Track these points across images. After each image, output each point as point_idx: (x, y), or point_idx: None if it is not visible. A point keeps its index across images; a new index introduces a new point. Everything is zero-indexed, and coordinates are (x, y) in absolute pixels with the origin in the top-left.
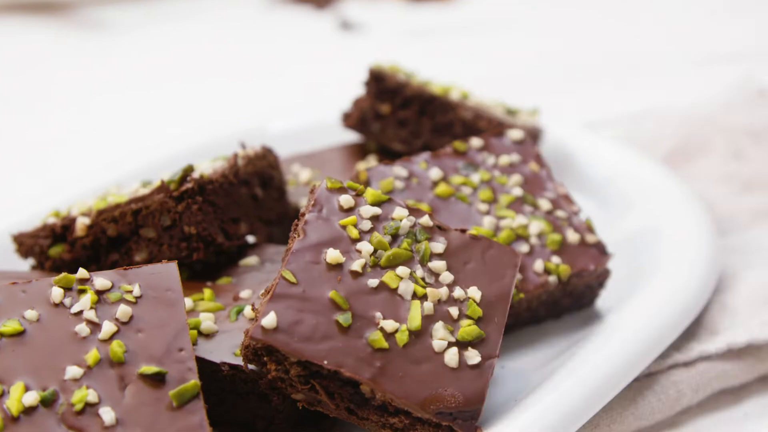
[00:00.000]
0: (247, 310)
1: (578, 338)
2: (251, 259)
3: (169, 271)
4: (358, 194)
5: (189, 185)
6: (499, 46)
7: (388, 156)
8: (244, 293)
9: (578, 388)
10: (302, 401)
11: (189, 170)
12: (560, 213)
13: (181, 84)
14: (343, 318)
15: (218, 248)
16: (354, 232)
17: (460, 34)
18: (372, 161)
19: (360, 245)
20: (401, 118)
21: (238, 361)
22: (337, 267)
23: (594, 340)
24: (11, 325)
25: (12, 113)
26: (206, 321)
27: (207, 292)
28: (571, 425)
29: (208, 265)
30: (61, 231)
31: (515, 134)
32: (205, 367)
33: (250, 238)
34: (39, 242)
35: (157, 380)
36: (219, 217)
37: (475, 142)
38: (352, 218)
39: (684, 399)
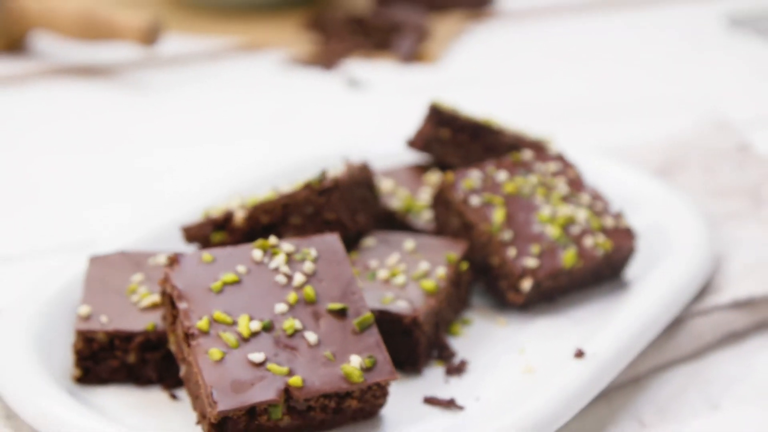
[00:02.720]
0: (381, 273)
1: (616, 297)
2: (370, 240)
3: (333, 239)
4: None
5: (328, 183)
6: (484, 98)
7: (445, 171)
8: (372, 263)
9: (633, 327)
10: None
11: (325, 172)
12: (598, 205)
13: (212, 132)
14: None
15: (347, 232)
16: None
17: (450, 88)
18: (435, 174)
19: None
20: (458, 141)
21: (384, 307)
22: None
23: (635, 298)
24: (230, 276)
25: (71, 157)
26: None
27: None
28: (629, 352)
29: None
30: (222, 222)
31: (553, 150)
32: None
33: None
34: (203, 231)
35: (341, 314)
36: (348, 208)
37: (527, 154)
38: None
39: (704, 339)
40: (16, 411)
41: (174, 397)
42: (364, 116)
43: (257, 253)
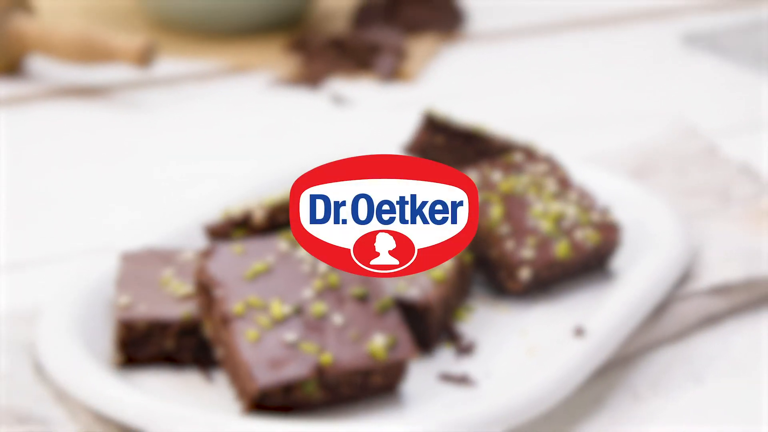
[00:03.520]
0: None
1: (604, 286)
2: None
3: None
4: None
5: None
6: (463, 113)
7: None
8: None
9: (624, 310)
10: None
11: None
12: (586, 202)
13: (204, 148)
14: None
15: None
16: None
17: (431, 104)
18: None
19: None
20: (452, 146)
21: (398, 294)
22: None
23: (624, 285)
24: (260, 265)
25: (72, 172)
26: None
27: None
28: (621, 332)
29: None
30: (242, 220)
31: (542, 152)
32: None
33: None
34: (225, 229)
35: (363, 298)
36: None
37: (519, 155)
38: None
39: (686, 321)
40: (71, 393)
41: (209, 378)
42: (349, 131)
43: (283, 245)
